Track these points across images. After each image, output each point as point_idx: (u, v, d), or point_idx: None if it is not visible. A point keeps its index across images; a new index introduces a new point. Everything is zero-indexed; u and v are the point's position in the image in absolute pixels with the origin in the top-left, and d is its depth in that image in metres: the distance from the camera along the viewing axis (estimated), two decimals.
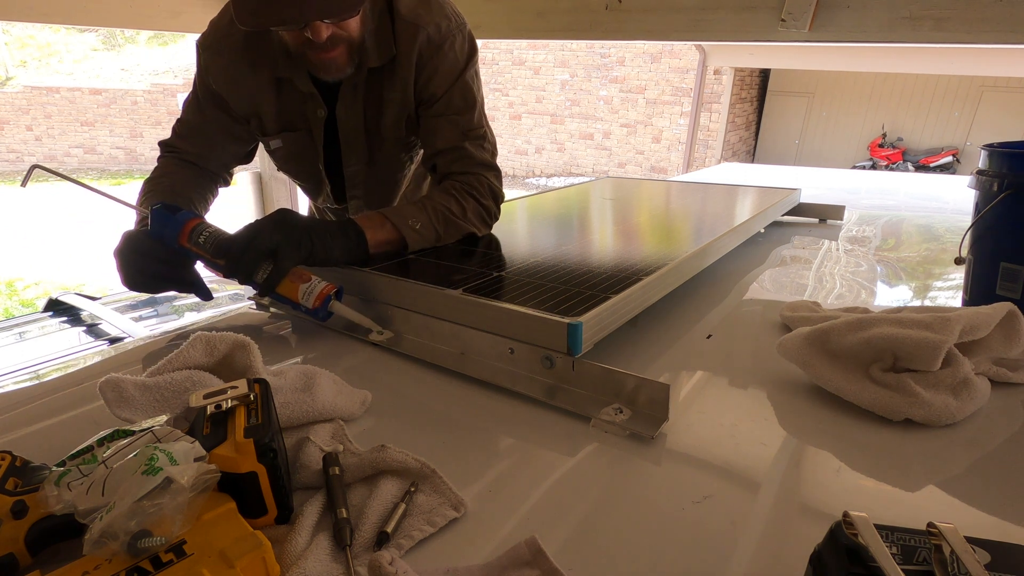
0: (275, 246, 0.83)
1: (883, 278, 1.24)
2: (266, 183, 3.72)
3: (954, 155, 9.13)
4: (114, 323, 1.55)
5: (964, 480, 0.58)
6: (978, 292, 0.95)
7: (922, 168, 8.98)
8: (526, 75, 10.43)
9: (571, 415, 0.68)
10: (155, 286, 0.90)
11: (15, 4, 2.09)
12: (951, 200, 2.19)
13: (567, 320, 0.71)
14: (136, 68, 12.87)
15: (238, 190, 3.48)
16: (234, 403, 0.53)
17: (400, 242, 1.00)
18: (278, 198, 3.68)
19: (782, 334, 0.81)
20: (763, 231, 1.57)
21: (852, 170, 3.76)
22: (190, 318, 1.66)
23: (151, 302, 1.73)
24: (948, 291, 1.15)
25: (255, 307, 1.04)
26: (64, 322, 1.63)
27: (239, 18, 0.88)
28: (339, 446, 0.60)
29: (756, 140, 10.71)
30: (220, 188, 1.19)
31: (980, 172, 0.92)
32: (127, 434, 0.48)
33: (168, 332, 0.94)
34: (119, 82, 12.04)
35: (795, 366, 0.74)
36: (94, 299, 1.73)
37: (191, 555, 0.41)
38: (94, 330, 1.56)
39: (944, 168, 8.93)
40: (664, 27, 2.01)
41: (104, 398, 0.58)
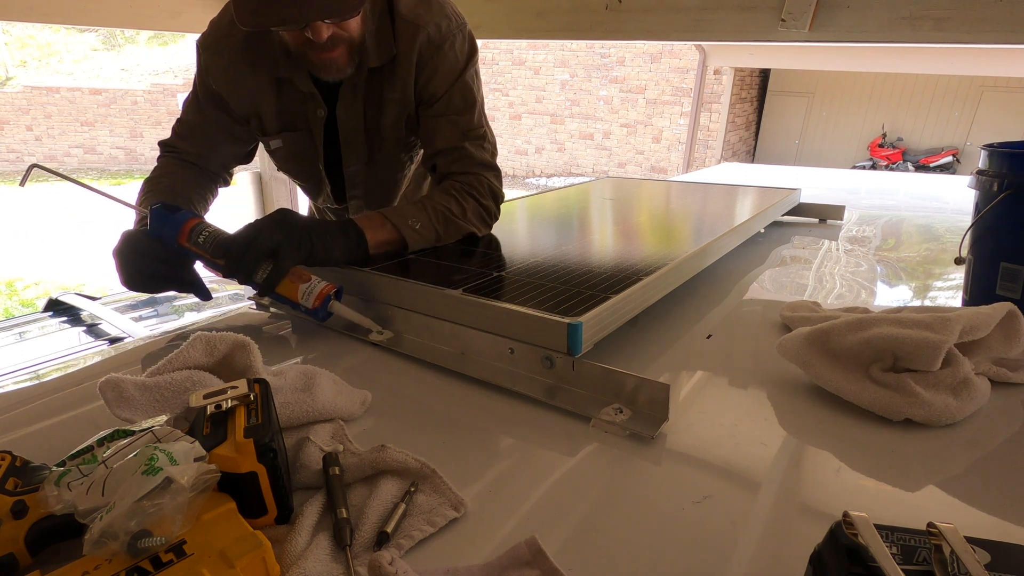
0: (275, 246, 0.83)
1: (883, 278, 1.24)
2: (266, 183, 3.72)
3: (954, 155, 9.13)
4: (114, 323, 1.55)
5: (964, 480, 0.58)
6: (978, 292, 0.95)
7: (922, 168, 8.98)
8: (526, 75, 10.43)
9: (571, 415, 0.68)
10: (154, 286, 0.90)
11: (15, 4, 2.09)
12: (951, 200, 2.19)
13: (567, 320, 0.71)
14: (136, 68, 12.87)
15: (238, 190, 3.48)
16: (234, 403, 0.53)
17: (400, 242, 1.00)
18: (278, 198, 3.68)
19: (782, 334, 0.81)
20: (763, 231, 1.57)
21: (852, 170, 3.76)
22: (190, 318, 1.66)
23: (151, 302, 1.73)
24: (948, 291, 1.15)
25: (255, 307, 1.04)
26: (64, 322, 1.63)
27: (239, 18, 0.88)
28: (339, 446, 0.60)
29: (756, 140, 10.71)
30: (220, 188, 1.19)
31: (980, 172, 0.92)
32: (127, 434, 0.48)
33: (168, 332, 0.94)
34: (119, 82, 12.04)
35: (795, 366, 0.74)
36: (94, 299, 1.73)
37: (191, 555, 0.41)
38: (94, 330, 1.56)
39: (944, 168, 8.93)
40: (664, 27, 2.01)
41: (104, 398, 0.58)
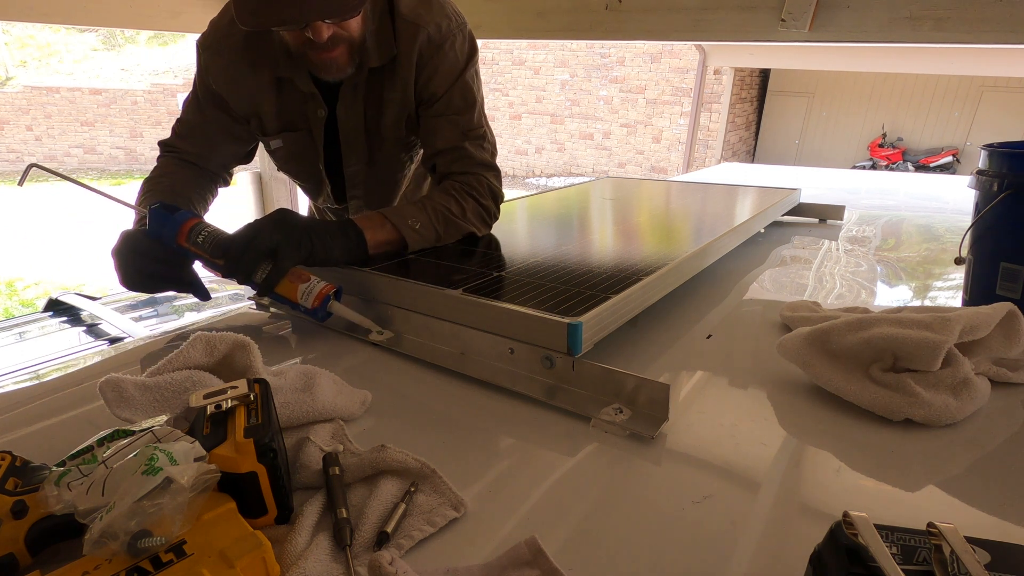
0: (275, 246, 0.83)
1: (883, 278, 1.24)
2: (266, 183, 3.72)
3: (954, 155, 9.13)
4: (114, 323, 1.55)
5: (964, 480, 0.58)
6: (978, 292, 0.95)
7: (922, 168, 8.98)
8: (526, 75, 10.43)
9: (571, 415, 0.68)
10: (153, 286, 0.90)
11: (15, 4, 2.09)
12: (951, 200, 2.19)
13: (567, 320, 0.71)
14: (136, 68, 12.87)
15: (238, 190, 3.48)
16: (234, 403, 0.53)
17: (400, 242, 1.00)
18: (278, 198, 3.68)
19: (782, 334, 0.81)
20: (763, 231, 1.57)
21: (852, 170, 3.76)
22: (190, 318, 1.66)
23: (151, 302, 1.72)
24: (948, 291, 1.15)
25: (255, 307, 1.04)
26: (64, 322, 1.63)
27: (240, 18, 0.88)
28: (339, 446, 0.60)
29: (756, 140, 10.71)
30: (220, 188, 1.19)
31: (980, 172, 0.92)
32: (127, 434, 0.48)
33: (168, 332, 0.94)
34: (119, 82, 12.04)
35: (795, 366, 0.74)
36: (94, 299, 1.73)
37: (191, 555, 0.41)
38: (94, 330, 1.56)
39: (944, 168, 8.93)
40: (664, 27, 2.01)
41: (104, 398, 0.58)
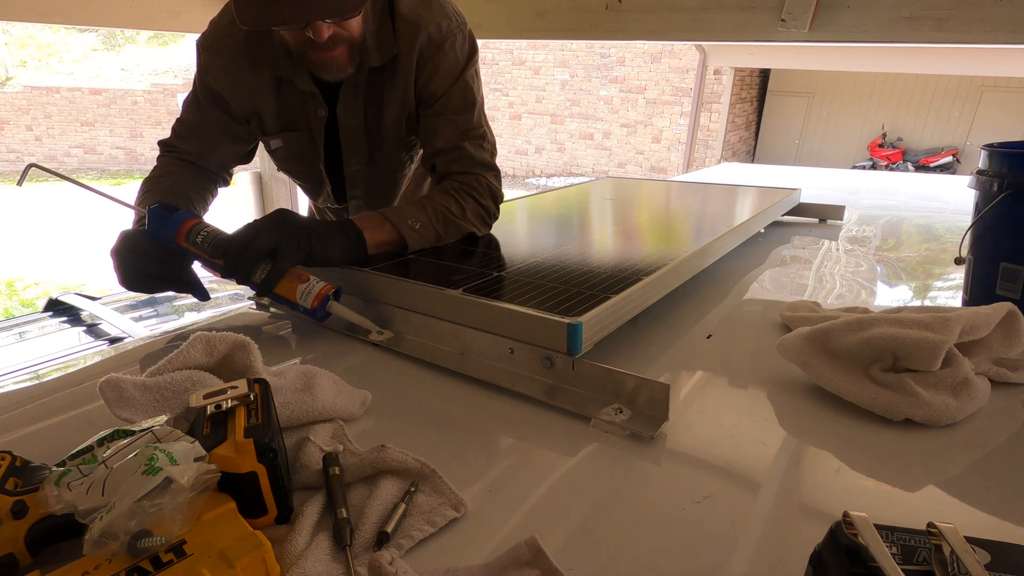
0: (274, 246, 0.83)
1: (883, 278, 1.24)
2: (266, 183, 3.73)
3: (954, 155, 9.13)
4: (114, 323, 1.55)
5: (964, 480, 0.58)
6: (978, 292, 0.95)
7: (922, 168, 8.98)
8: (526, 75, 10.43)
9: (571, 415, 0.68)
10: (152, 286, 0.90)
11: (15, 4, 2.09)
12: (951, 200, 2.19)
13: (567, 320, 0.71)
14: (136, 68, 12.87)
15: (238, 190, 3.48)
16: (234, 403, 0.53)
17: (400, 242, 1.00)
18: (278, 198, 3.68)
19: (782, 334, 0.81)
20: (763, 231, 1.57)
21: (852, 170, 3.76)
22: (190, 318, 1.66)
23: (151, 302, 1.72)
24: (948, 291, 1.15)
25: (255, 307, 1.04)
26: (64, 322, 1.62)
27: (240, 18, 0.88)
28: (339, 446, 0.60)
29: (756, 140, 10.71)
30: (220, 188, 1.19)
31: (980, 172, 0.92)
32: (127, 434, 0.48)
33: (168, 332, 0.94)
34: (119, 82, 12.04)
35: (795, 366, 0.74)
36: (94, 299, 1.73)
37: (191, 555, 0.41)
38: (94, 330, 1.55)
39: (944, 168, 8.93)
40: (664, 27, 2.01)
41: (104, 398, 0.58)
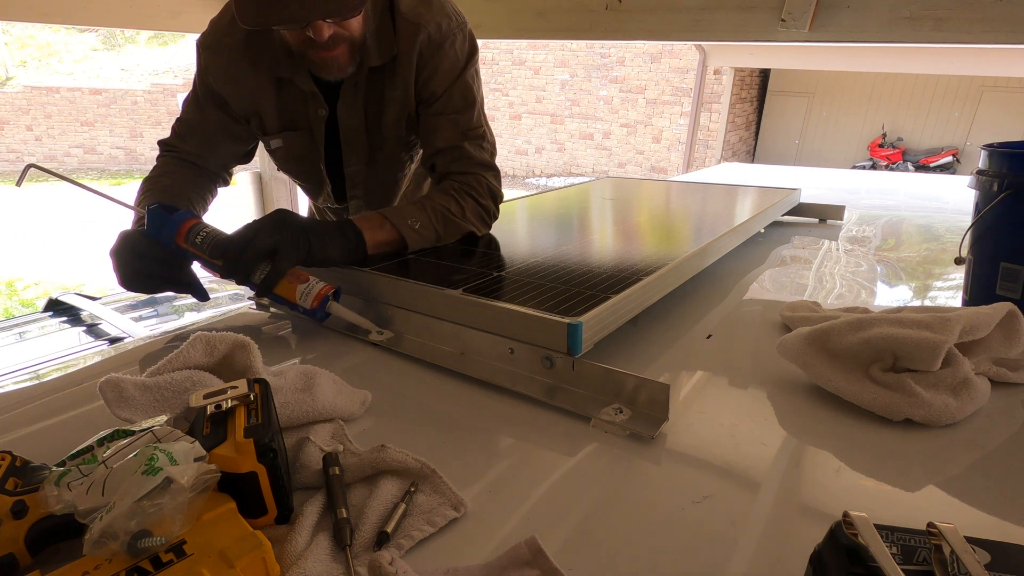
0: (273, 246, 0.82)
1: (883, 278, 1.24)
2: (266, 183, 3.72)
3: (954, 155, 9.13)
4: (114, 323, 1.55)
5: (964, 480, 0.58)
6: (978, 292, 0.95)
7: (922, 168, 8.98)
8: (526, 75, 10.43)
9: (571, 415, 0.68)
10: (151, 286, 0.90)
11: (15, 4, 2.09)
12: (951, 200, 2.19)
13: (567, 320, 0.71)
14: (136, 68, 12.87)
15: (238, 190, 3.48)
16: (234, 403, 0.53)
17: (399, 242, 1.00)
18: (278, 198, 3.68)
19: (782, 334, 0.81)
20: (763, 231, 1.57)
21: (852, 170, 3.76)
22: (190, 318, 1.66)
23: (151, 302, 1.72)
24: (948, 291, 1.15)
25: (255, 307, 1.04)
26: (64, 322, 1.62)
27: (241, 17, 0.88)
28: (339, 446, 0.60)
29: (756, 140, 10.70)
30: (219, 188, 1.19)
31: (980, 172, 0.92)
32: (127, 434, 0.48)
33: (168, 332, 0.94)
34: (119, 82, 12.04)
35: (795, 366, 0.74)
36: (94, 299, 1.73)
37: (191, 555, 0.41)
38: (94, 330, 1.55)
39: (944, 168, 8.93)
40: (664, 27, 2.01)
41: (104, 398, 0.58)
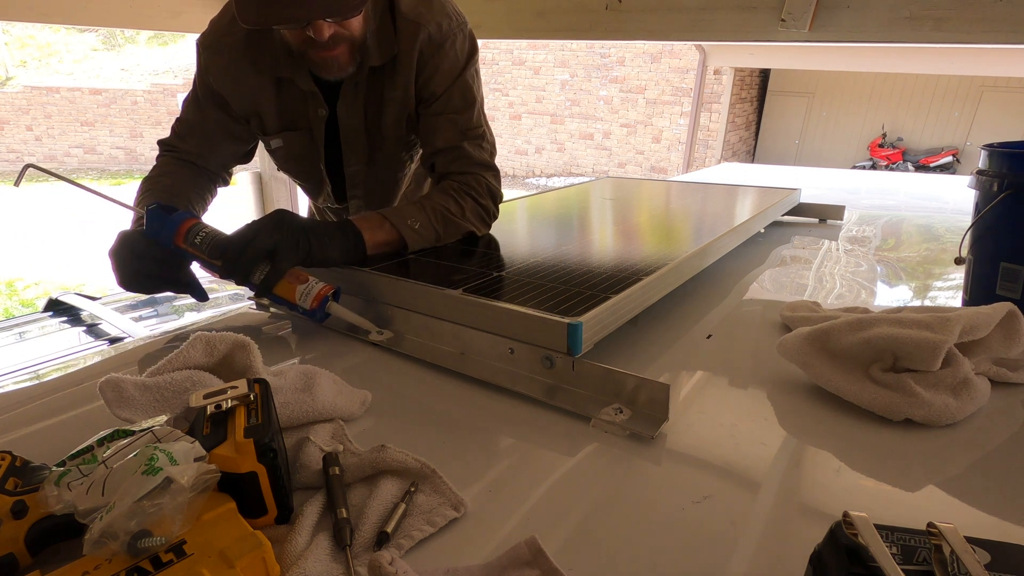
0: (273, 247, 0.82)
1: (883, 278, 1.24)
2: (266, 183, 3.73)
3: (954, 155, 9.13)
4: (114, 323, 1.55)
5: (964, 480, 0.58)
6: (978, 292, 0.95)
7: (922, 168, 8.98)
8: (526, 75, 10.43)
9: (571, 415, 0.68)
10: (150, 287, 0.90)
11: (15, 4, 2.09)
12: (951, 200, 2.19)
13: (567, 320, 0.71)
14: (136, 68, 12.87)
15: (238, 190, 3.48)
16: (234, 403, 0.53)
17: (399, 242, 1.00)
18: (278, 198, 3.68)
19: (782, 334, 0.81)
20: (763, 231, 1.57)
21: (852, 170, 3.76)
22: (190, 318, 1.65)
23: (151, 302, 1.72)
24: (948, 291, 1.15)
25: (255, 307, 1.04)
26: (64, 322, 1.62)
27: (242, 16, 0.88)
28: (339, 446, 0.60)
29: (756, 140, 10.70)
30: (219, 188, 1.19)
31: (980, 172, 0.92)
32: (127, 434, 0.48)
33: (168, 332, 0.94)
34: (119, 82, 12.04)
35: (795, 366, 0.74)
36: (94, 299, 1.73)
37: (191, 555, 0.41)
38: (94, 330, 1.55)
39: (944, 168, 8.93)
40: (664, 27, 2.02)
41: (104, 398, 0.58)
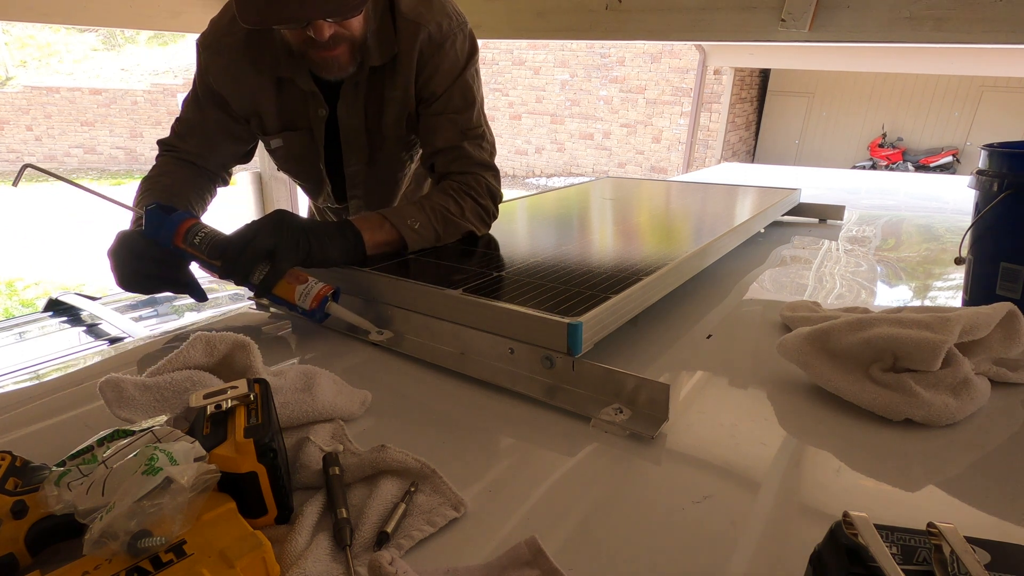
0: (272, 247, 0.82)
1: (883, 278, 1.24)
2: (266, 183, 3.73)
3: (954, 155, 9.13)
4: (114, 323, 1.55)
5: (964, 480, 0.58)
6: (978, 292, 0.95)
7: (922, 168, 8.98)
8: (526, 75, 10.43)
9: (571, 415, 0.68)
10: (149, 287, 0.90)
11: (15, 4, 2.09)
12: (951, 200, 2.19)
13: (567, 320, 0.71)
14: (136, 68, 12.87)
15: (238, 190, 3.48)
16: (234, 403, 0.53)
17: (399, 242, 1.00)
18: (278, 198, 3.68)
19: (782, 334, 0.81)
20: (763, 231, 1.57)
21: (852, 170, 3.76)
22: (190, 318, 1.65)
23: (151, 302, 1.72)
24: (948, 291, 1.15)
25: (255, 307, 1.04)
26: (64, 322, 1.62)
27: (242, 16, 0.88)
28: (339, 446, 0.60)
29: (756, 140, 10.70)
30: (219, 188, 1.19)
31: (980, 172, 0.92)
32: (127, 434, 0.48)
33: (168, 332, 0.94)
34: (119, 82, 12.04)
35: (795, 366, 0.74)
36: (94, 299, 1.73)
37: (191, 555, 0.41)
38: (94, 330, 1.55)
39: (944, 168, 8.93)
40: (664, 27, 2.02)
41: (104, 398, 0.58)
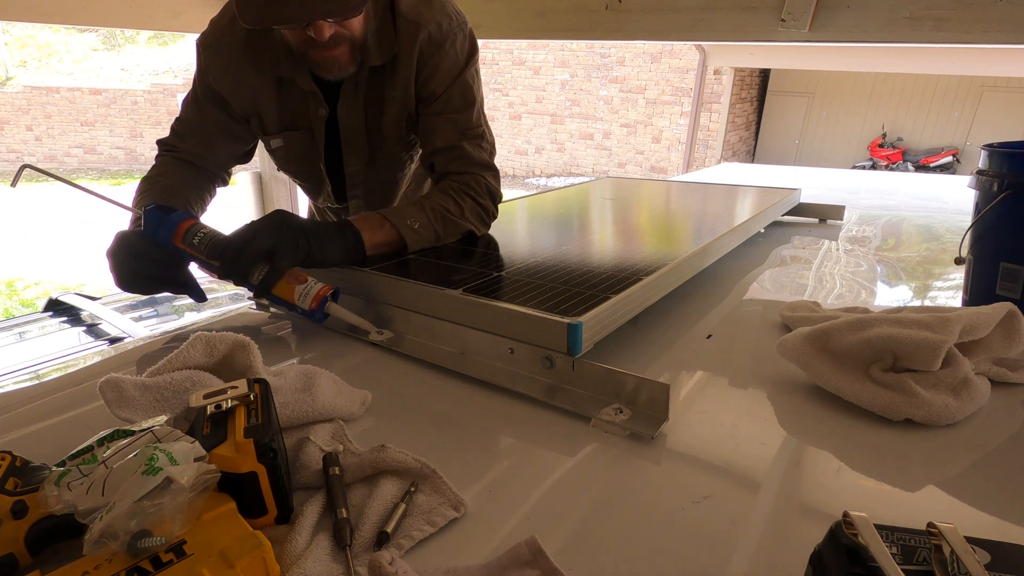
0: (272, 247, 0.82)
1: (883, 278, 1.24)
2: (266, 183, 3.73)
3: (954, 155, 9.13)
4: (114, 323, 1.55)
5: (964, 480, 0.58)
6: (978, 292, 0.95)
7: (922, 168, 8.98)
8: (526, 75, 10.43)
9: (571, 415, 0.68)
10: (148, 287, 0.90)
11: (15, 4, 2.09)
12: (951, 200, 2.19)
13: (567, 320, 0.71)
14: (136, 68, 12.87)
15: (238, 190, 3.48)
16: (234, 403, 0.53)
17: (399, 242, 1.00)
18: (278, 198, 3.69)
19: (782, 334, 0.81)
20: (763, 231, 1.57)
21: (852, 170, 3.76)
22: (190, 318, 1.66)
23: (151, 302, 1.73)
24: (948, 291, 1.15)
25: (255, 307, 1.04)
26: (64, 322, 1.63)
27: (242, 16, 0.88)
28: (339, 446, 0.60)
29: (756, 140, 10.70)
30: (219, 188, 1.19)
31: (980, 172, 0.92)
32: (127, 434, 0.48)
33: (168, 332, 0.94)
34: (119, 82, 12.04)
35: (795, 366, 0.74)
36: (94, 299, 1.73)
37: (191, 555, 0.41)
38: (94, 330, 1.56)
39: (944, 168, 8.93)
40: (664, 27, 2.02)
41: (104, 398, 0.58)
